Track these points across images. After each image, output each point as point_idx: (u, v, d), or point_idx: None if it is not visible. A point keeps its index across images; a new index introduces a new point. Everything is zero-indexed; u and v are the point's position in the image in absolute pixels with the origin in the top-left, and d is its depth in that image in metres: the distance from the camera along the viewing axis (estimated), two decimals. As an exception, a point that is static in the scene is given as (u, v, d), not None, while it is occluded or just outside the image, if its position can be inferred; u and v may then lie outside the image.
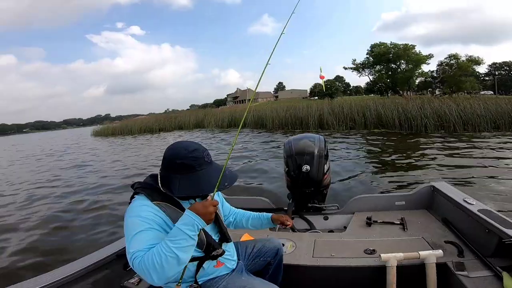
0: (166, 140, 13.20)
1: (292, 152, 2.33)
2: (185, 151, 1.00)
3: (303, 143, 2.40)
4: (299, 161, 2.25)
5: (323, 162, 2.25)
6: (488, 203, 2.98)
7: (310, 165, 2.21)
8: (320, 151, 2.28)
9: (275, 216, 1.40)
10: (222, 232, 1.16)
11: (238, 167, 5.46)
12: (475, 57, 28.41)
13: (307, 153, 2.27)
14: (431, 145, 6.73)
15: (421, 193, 2.17)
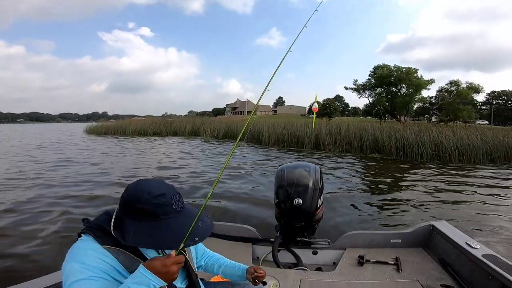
0: (159, 147, 12.93)
1: (283, 182, 2.13)
2: (147, 195, 0.81)
3: (297, 172, 2.21)
4: (290, 193, 2.07)
5: (317, 196, 2.07)
6: (488, 242, 2.82)
7: (302, 198, 2.03)
8: (314, 183, 2.10)
9: (251, 269, 1.20)
10: (191, 279, 1.00)
11: (224, 188, 5.20)
12: (475, 84, 28.80)
13: (301, 185, 2.08)
14: (429, 176, 6.58)
15: (419, 231, 2.03)
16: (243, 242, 2.23)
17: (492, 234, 3.21)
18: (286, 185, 2.09)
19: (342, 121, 14.96)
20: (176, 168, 7.50)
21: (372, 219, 3.71)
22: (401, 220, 3.66)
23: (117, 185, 5.41)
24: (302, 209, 2.01)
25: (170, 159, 9.17)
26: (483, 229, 3.37)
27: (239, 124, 17.54)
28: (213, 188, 0.89)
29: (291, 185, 2.08)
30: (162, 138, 18.05)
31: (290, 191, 2.06)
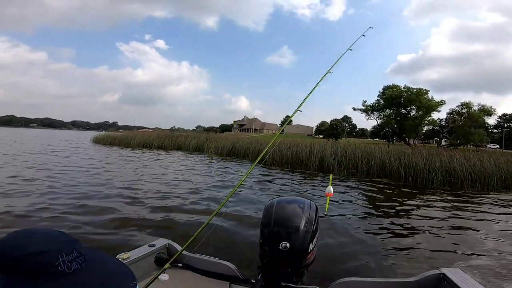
0: (158, 162, 12.79)
1: (270, 220, 1.82)
2: (17, 252, 0.56)
3: (287, 210, 1.91)
4: (277, 235, 1.75)
5: (308, 239, 1.76)
6: None
7: (290, 242, 1.70)
8: (307, 225, 1.78)
9: None
10: None
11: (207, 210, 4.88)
12: (487, 106, 28.14)
13: (290, 226, 1.77)
14: (442, 207, 6.10)
15: (427, 280, 1.70)
16: (220, 279, 1.95)
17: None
18: (272, 224, 1.79)
19: (349, 143, 14.64)
20: (171, 184, 7.25)
21: (372, 260, 3.29)
22: (407, 263, 3.24)
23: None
24: (289, 255, 1.71)
25: (167, 175, 8.95)
26: (506, 277, 2.90)
27: (244, 141, 17.37)
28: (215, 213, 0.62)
29: (278, 225, 1.78)
30: (166, 152, 18.00)
31: (276, 232, 1.76)
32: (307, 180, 9.30)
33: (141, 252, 1.97)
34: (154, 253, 2.06)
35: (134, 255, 1.89)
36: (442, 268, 1.73)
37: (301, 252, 1.75)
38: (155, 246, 2.08)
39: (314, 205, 1.99)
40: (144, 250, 2.00)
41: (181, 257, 2.10)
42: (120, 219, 4.33)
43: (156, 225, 4.13)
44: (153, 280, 1.87)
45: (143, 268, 1.94)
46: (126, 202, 5.32)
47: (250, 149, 14.97)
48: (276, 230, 1.77)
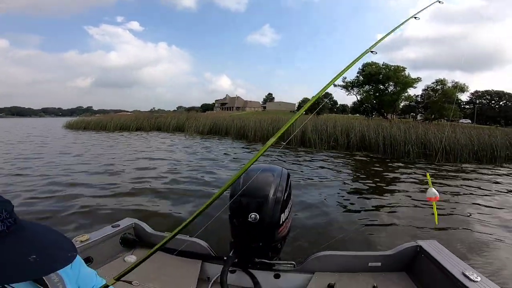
0: (136, 142, 12.31)
1: (237, 191, 1.64)
2: None
3: (256, 178, 1.73)
4: (245, 206, 1.61)
5: (279, 210, 1.62)
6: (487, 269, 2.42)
7: (259, 213, 1.57)
8: (277, 193, 1.64)
9: None
10: None
11: (179, 189, 4.67)
12: (461, 84, 29.28)
13: (259, 195, 1.62)
14: (419, 179, 6.30)
15: (403, 253, 1.66)
16: (191, 258, 1.85)
17: (491, 257, 2.78)
18: (240, 195, 1.61)
19: (330, 118, 14.76)
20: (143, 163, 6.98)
21: (350, 233, 3.24)
22: (385, 236, 3.23)
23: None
24: (258, 227, 1.58)
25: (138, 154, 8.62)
26: (482, 248, 2.94)
27: (225, 119, 17.06)
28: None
29: (246, 195, 1.62)
30: (145, 133, 17.46)
31: (245, 203, 1.62)
32: (291, 153, 9.33)
33: (103, 233, 1.81)
34: (119, 234, 1.90)
35: (95, 236, 1.73)
36: (419, 240, 1.71)
37: (272, 223, 1.62)
38: (119, 227, 1.92)
39: (286, 173, 1.85)
40: (107, 231, 1.84)
41: (149, 236, 1.98)
42: (84, 201, 4.09)
43: (122, 206, 3.91)
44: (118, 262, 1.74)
45: (107, 250, 1.78)
46: (92, 184, 5.05)
47: (232, 126, 14.73)
48: (244, 200, 1.63)
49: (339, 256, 1.74)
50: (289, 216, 1.79)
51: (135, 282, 1.50)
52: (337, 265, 1.71)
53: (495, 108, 42.59)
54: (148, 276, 1.65)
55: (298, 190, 4.84)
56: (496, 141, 9.82)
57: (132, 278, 1.61)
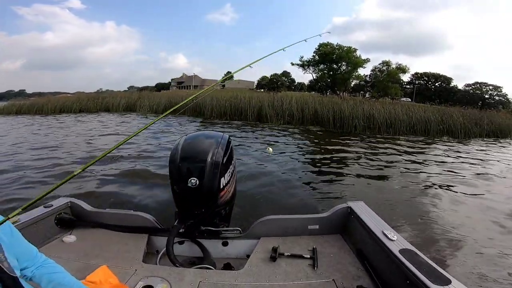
0: (69, 123, 11.28)
1: (176, 157, 1.64)
2: None
3: (195, 144, 1.76)
4: (184, 171, 1.60)
5: (218, 174, 1.63)
6: (410, 231, 2.71)
7: (199, 178, 1.57)
8: (216, 157, 1.64)
9: None
10: (4, 281, 0.77)
11: (122, 166, 4.47)
12: (403, 65, 31.93)
13: (197, 160, 1.62)
14: (362, 148, 6.91)
15: (337, 214, 1.80)
16: (137, 233, 1.80)
17: (413, 217, 3.05)
18: (179, 160, 1.63)
19: (287, 95, 15.07)
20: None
21: (294, 198, 3.43)
22: (324, 199, 3.48)
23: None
24: (199, 192, 1.58)
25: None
26: (409, 210, 3.23)
27: (182, 97, 16.29)
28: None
29: (185, 160, 1.63)
30: (91, 115, 15.92)
31: (183, 169, 1.61)
32: (246, 128, 9.44)
33: (35, 214, 1.67)
34: (54, 214, 1.79)
35: (26, 218, 1.59)
36: (349, 202, 1.84)
37: (212, 188, 1.62)
38: (52, 206, 1.79)
39: (226, 137, 1.86)
40: (39, 212, 1.70)
41: (89, 215, 1.89)
42: (12, 182, 3.72)
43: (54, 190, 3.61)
44: (55, 243, 1.66)
45: (41, 232, 1.67)
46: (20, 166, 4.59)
47: (187, 104, 14.15)
48: (183, 166, 1.62)
49: (282, 220, 1.83)
50: (231, 181, 1.81)
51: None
52: (281, 229, 1.80)
53: (431, 89, 47.50)
54: (90, 253, 1.59)
55: (248, 160, 4.98)
56: (430, 117, 11.03)
57: (73, 257, 1.54)
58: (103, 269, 1.36)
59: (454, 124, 10.91)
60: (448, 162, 5.91)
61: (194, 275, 1.39)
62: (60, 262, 1.04)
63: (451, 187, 4.16)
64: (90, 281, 1.24)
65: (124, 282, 1.32)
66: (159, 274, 1.39)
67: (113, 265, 1.43)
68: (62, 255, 1.55)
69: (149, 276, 1.37)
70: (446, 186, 4.21)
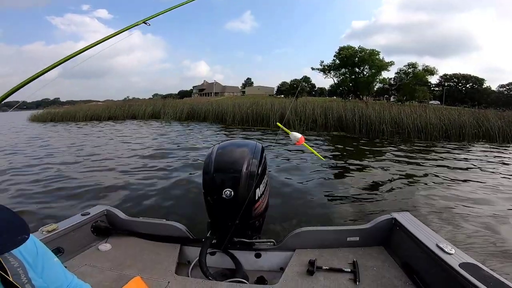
0: (100, 131, 11.75)
1: (210, 168, 1.58)
2: None
3: (229, 154, 1.69)
4: (218, 182, 1.54)
5: (253, 185, 1.56)
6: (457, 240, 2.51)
7: (234, 189, 1.51)
8: (251, 167, 1.57)
9: None
10: None
11: (150, 176, 4.50)
12: (431, 67, 30.57)
13: (232, 171, 1.55)
14: (393, 156, 6.50)
15: (380, 226, 1.66)
16: (169, 242, 1.78)
17: (462, 230, 2.81)
18: (213, 171, 1.57)
19: (308, 101, 14.86)
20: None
21: (331, 210, 3.24)
22: (362, 210, 3.26)
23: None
24: (234, 204, 1.51)
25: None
26: (453, 222, 2.97)
27: (204, 104, 16.63)
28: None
29: (219, 171, 1.57)
30: (118, 122, 16.68)
31: (218, 180, 1.55)
32: (269, 135, 9.31)
33: (73, 221, 1.69)
34: (91, 222, 1.79)
35: (63, 226, 1.61)
36: (393, 213, 1.71)
37: (247, 199, 1.55)
38: (89, 215, 1.80)
39: (260, 146, 1.79)
40: (76, 220, 1.72)
41: (123, 223, 1.89)
42: (54, 190, 3.86)
43: (94, 194, 3.71)
44: (93, 251, 1.66)
45: (78, 240, 1.67)
46: (62, 174, 4.76)
47: (210, 111, 14.41)
48: (217, 177, 1.57)
49: (319, 232, 1.72)
50: (265, 191, 1.73)
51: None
52: (317, 241, 1.69)
53: (462, 91, 45.02)
54: (124, 263, 1.58)
55: (276, 169, 4.83)
56: (464, 120, 10.29)
57: (108, 266, 1.51)
58: (137, 280, 1.31)
59: (492, 127, 10.08)
60: (497, 172, 5.34)
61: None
62: (95, 271, 1.05)
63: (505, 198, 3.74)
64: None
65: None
66: (192, 287, 1.34)
67: (146, 276, 1.41)
68: (97, 264, 1.56)
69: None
70: (499, 197, 3.80)
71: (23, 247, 0.70)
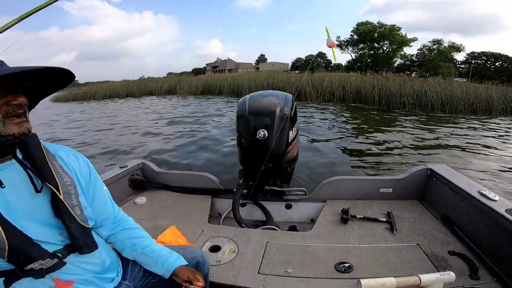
0: (122, 106, 12.03)
1: (244, 112, 1.62)
2: None
3: (262, 100, 1.73)
4: (253, 124, 1.57)
5: (287, 127, 1.59)
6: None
7: (268, 130, 1.54)
8: (284, 111, 1.60)
9: (184, 273, 0.78)
10: (71, 234, 0.63)
11: (179, 137, 4.64)
12: (457, 44, 28.86)
13: (266, 113, 1.59)
14: (416, 124, 6.31)
15: (414, 178, 1.61)
16: (200, 194, 1.82)
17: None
18: (247, 114, 1.61)
19: (325, 75, 14.45)
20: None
21: (358, 165, 3.21)
22: (392, 167, 3.20)
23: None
24: (268, 144, 1.54)
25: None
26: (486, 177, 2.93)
27: (219, 79, 16.61)
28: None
29: (253, 114, 1.60)
30: (136, 99, 17.11)
31: (252, 122, 1.59)
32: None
33: (112, 173, 1.74)
34: (128, 175, 1.85)
35: (104, 177, 1.64)
36: (428, 164, 1.64)
37: (282, 139, 1.58)
38: (127, 167, 1.86)
39: (290, 96, 1.81)
40: (115, 172, 1.77)
41: (157, 176, 1.96)
42: (93, 149, 4.14)
43: (128, 152, 3.92)
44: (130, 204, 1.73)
45: (116, 193, 1.70)
46: (98, 137, 5.06)
47: (225, 85, 14.36)
48: (252, 119, 1.60)
49: (351, 181, 1.69)
50: (297, 138, 1.74)
51: None
52: (349, 192, 1.67)
53: (491, 69, 42.20)
54: (159, 214, 1.62)
55: (301, 128, 4.88)
56: (492, 95, 9.67)
57: (144, 218, 1.58)
58: (172, 229, 1.39)
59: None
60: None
61: (260, 236, 1.34)
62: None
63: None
64: (161, 241, 1.25)
65: (192, 242, 1.32)
66: (225, 234, 1.37)
67: (180, 225, 1.45)
68: (134, 216, 1.62)
69: (215, 237, 1.36)
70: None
71: (78, 168, 0.72)
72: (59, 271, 0.62)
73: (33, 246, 0.58)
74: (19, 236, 0.56)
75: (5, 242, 0.54)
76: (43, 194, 0.62)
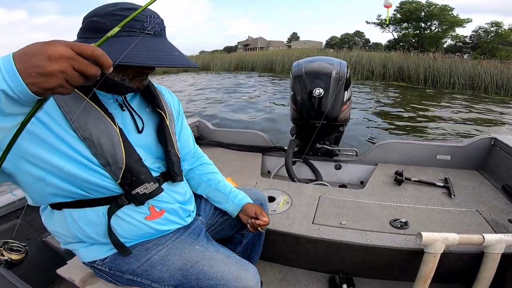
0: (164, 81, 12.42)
1: (301, 72, 1.63)
2: (111, 8, 0.54)
3: (317, 64, 1.72)
4: (309, 83, 1.59)
5: (343, 88, 1.59)
6: None
7: (324, 88, 1.56)
8: (340, 73, 1.60)
9: (250, 209, 0.83)
10: (170, 160, 0.69)
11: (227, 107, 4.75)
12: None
13: (323, 73, 1.60)
14: (472, 103, 5.77)
15: (475, 146, 1.50)
16: (251, 151, 1.86)
17: None
18: (304, 74, 1.62)
19: (363, 54, 13.65)
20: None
21: (409, 133, 3.05)
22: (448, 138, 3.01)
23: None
24: (323, 103, 1.56)
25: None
26: None
27: (251, 56, 16.51)
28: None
29: (310, 74, 1.62)
30: (173, 75, 17.74)
31: (309, 81, 1.61)
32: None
33: None
34: None
35: None
36: (492, 133, 1.53)
37: (337, 100, 1.58)
38: None
39: (345, 62, 1.77)
40: None
41: (212, 133, 2.03)
42: None
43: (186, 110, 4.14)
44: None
45: None
46: None
47: (257, 62, 14.20)
48: (309, 78, 1.61)
49: (405, 145, 1.60)
50: (350, 99, 1.72)
51: None
52: (403, 156, 1.59)
53: (559, 52, 36.96)
54: None
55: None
56: None
57: None
58: (229, 180, 1.43)
59: None
60: None
61: (313, 190, 1.34)
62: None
63: None
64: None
65: None
66: (278, 187, 1.38)
67: (235, 179, 1.49)
68: None
69: (269, 189, 1.37)
70: None
71: (173, 103, 0.81)
72: (155, 199, 0.66)
73: (143, 167, 0.63)
74: (135, 157, 0.62)
75: (124, 162, 0.59)
76: (146, 131, 0.68)
